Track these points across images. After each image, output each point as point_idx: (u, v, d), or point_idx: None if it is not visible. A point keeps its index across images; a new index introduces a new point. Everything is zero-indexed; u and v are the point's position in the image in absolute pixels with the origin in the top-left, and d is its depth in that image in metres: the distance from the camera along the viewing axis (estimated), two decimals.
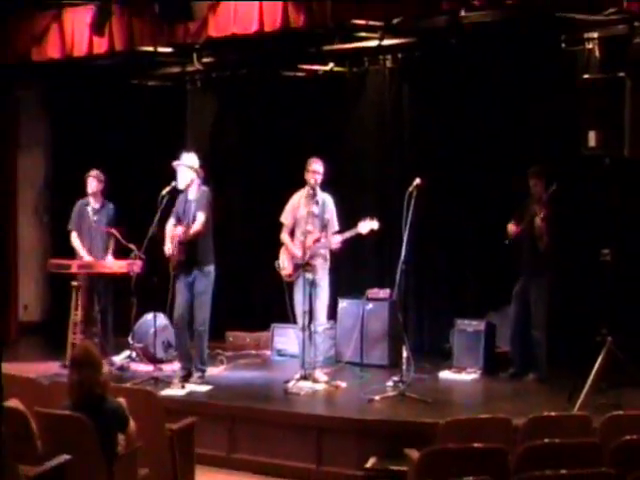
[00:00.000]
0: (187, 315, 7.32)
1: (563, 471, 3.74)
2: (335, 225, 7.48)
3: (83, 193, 8.42)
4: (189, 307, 7.30)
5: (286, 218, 7.52)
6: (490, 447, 4.18)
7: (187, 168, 7.35)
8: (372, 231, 7.40)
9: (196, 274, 7.28)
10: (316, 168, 7.35)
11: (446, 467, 3.99)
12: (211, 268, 7.32)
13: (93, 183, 8.30)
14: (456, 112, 8.75)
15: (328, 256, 7.47)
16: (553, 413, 5.00)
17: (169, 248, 7.31)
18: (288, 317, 7.60)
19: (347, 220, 7.60)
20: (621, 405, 5.82)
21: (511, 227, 7.60)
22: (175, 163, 7.42)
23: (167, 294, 7.47)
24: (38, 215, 10.99)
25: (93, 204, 8.34)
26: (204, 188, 7.43)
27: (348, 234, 7.40)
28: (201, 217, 7.21)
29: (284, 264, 7.48)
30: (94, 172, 8.35)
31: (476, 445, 4.16)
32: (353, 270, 9.24)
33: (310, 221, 7.34)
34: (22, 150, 10.66)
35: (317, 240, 7.36)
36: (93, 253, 8.26)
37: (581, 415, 5.14)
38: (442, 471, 3.91)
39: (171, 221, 7.42)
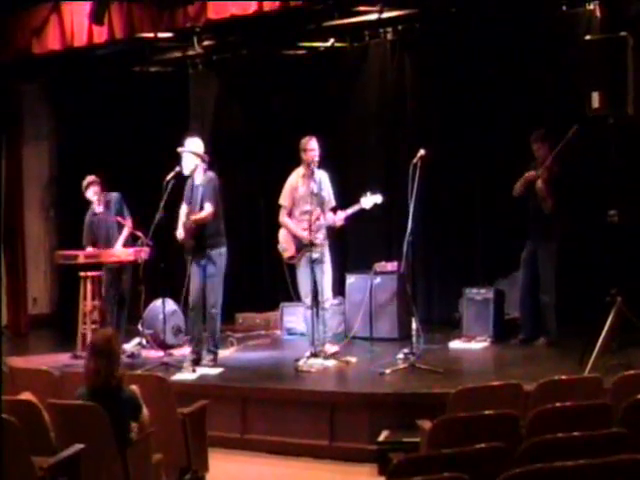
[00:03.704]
0: (201, 298, 7.33)
1: (575, 433, 3.71)
2: (332, 201, 7.46)
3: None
4: (202, 290, 7.31)
5: (285, 200, 7.47)
6: (501, 413, 4.16)
7: (191, 154, 7.33)
8: (376, 205, 7.36)
9: (207, 257, 7.27)
10: (314, 146, 7.31)
11: (458, 435, 3.97)
12: (222, 250, 7.31)
13: (95, 189, 8.16)
14: (458, 81, 8.68)
15: (326, 232, 7.44)
16: (564, 376, 4.95)
17: (180, 233, 7.31)
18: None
19: (353, 195, 7.55)
20: (632, 365, 5.78)
21: (530, 173, 7.45)
22: (180, 149, 7.38)
23: (175, 280, 7.48)
24: (44, 209, 11.00)
25: (97, 208, 8.23)
26: (210, 174, 7.39)
27: (351, 210, 7.37)
28: (209, 208, 7.21)
29: (286, 246, 7.45)
30: (90, 178, 8.19)
31: (487, 412, 4.14)
32: (360, 245, 9.24)
33: (309, 200, 7.30)
34: (27, 145, 10.65)
35: (317, 218, 7.33)
36: (109, 245, 8.18)
37: (592, 377, 5.12)
38: (454, 440, 3.88)
39: (183, 206, 7.39)
